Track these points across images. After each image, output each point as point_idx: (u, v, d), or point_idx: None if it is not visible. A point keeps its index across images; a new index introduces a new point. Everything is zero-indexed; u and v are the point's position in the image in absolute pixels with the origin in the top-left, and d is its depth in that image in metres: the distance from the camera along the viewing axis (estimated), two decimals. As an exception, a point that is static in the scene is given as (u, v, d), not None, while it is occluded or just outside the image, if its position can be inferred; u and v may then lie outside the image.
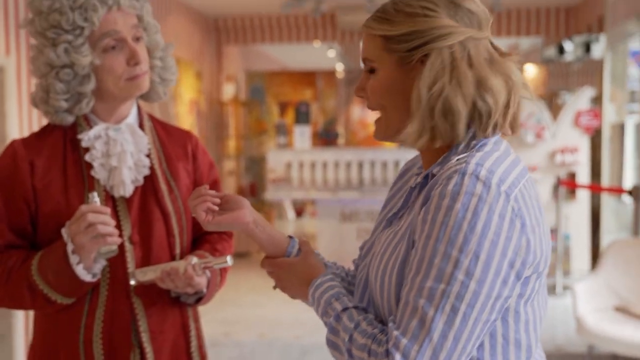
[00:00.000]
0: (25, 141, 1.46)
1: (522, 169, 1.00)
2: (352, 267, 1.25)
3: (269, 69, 9.96)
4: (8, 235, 1.42)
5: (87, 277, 1.36)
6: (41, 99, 1.43)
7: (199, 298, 1.51)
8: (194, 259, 1.42)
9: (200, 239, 1.61)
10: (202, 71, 7.71)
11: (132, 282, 1.41)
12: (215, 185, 1.63)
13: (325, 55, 9.80)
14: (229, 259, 1.39)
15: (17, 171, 1.41)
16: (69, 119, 1.44)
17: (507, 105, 1.00)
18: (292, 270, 1.14)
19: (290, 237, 1.20)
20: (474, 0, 1.02)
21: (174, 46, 1.57)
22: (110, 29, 1.38)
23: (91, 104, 1.43)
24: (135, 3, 1.43)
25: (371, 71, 1.05)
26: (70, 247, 1.33)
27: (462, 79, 0.96)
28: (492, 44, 1.03)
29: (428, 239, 0.91)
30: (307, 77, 9.24)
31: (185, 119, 7.10)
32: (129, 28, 1.41)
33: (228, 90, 8.48)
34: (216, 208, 1.13)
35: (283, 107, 9.06)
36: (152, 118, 1.58)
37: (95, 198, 1.34)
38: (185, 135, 1.61)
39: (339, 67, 9.99)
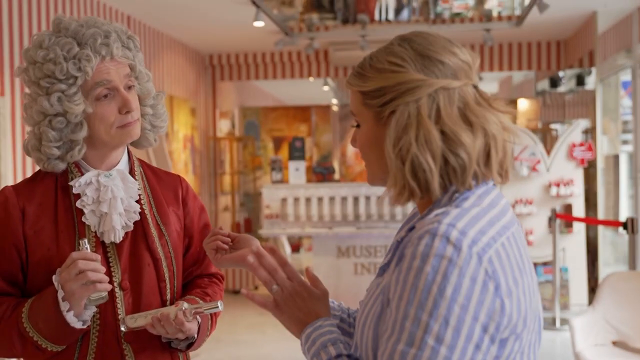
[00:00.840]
0: (16, 188, 1.46)
1: (505, 224, 0.97)
2: (353, 305, 1.26)
3: (264, 105, 10.03)
4: None
5: (77, 324, 1.35)
6: (33, 147, 1.44)
7: (190, 343, 1.50)
8: (185, 305, 1.41)
9: (191, 284, 1.60)
10: (196, 107, 7.75)
11: (123, 329, 1.41)
12: (206, 229, 1.62)
13: (319, 90, 9.88)
14: (220, 305, 1.39)
15: (8, 219, 1.41)
16: (61, 166, 1.44)
17: (488, 156, 0.98)
18: (304, 300, 1.12)
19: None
20: (449, 49, 1.01)
21: (165, 94, 1.59)
22: (103, 78, 1.40)
23: (83, 151, 1.44)
24: (128, 53, 1.45)
25: (358, 125, 1.06)
26: (60, 294, 1.32)
27: (427, 134, 0.95)
28: (476, 89, 1.02)
29: (400, 301, 0.89)
30: (302, 112, 9.30)
31: (180, 155, 7.10)
32: (121, 77, 1.42)
33: (223, 126, 8.52)
34: (226, 247, 1.23)
35: (278, 143, 9.09)
36: (143, 163, 1.59)
37: (86, 245, 1.34)
38: (176, 179, 1.61)
39: (334, 102, 10.06)
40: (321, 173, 6.83)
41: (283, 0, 6.43)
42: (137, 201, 1.48)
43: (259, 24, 5.91)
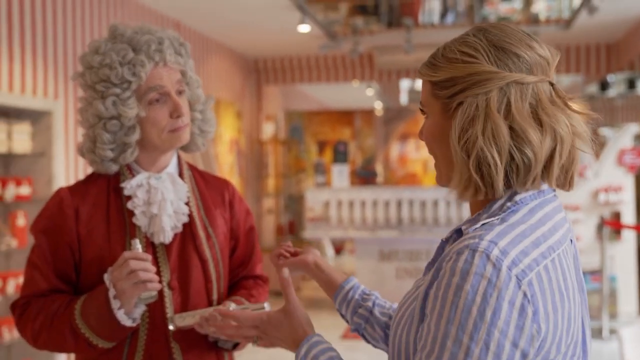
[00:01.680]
0: (71, 189, 1.52)
1: (552, 244, 0.92)
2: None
3: (308, 109, 10.08)
4: (53, 280, 1.46)
5: (127, 322, 1.38)
6: (88, 149, 1.49)
7: (236, 343, 1.52)
8: (232, 305, 1.44)
9: (237, 285, 1.63)
10: (242, 111, 7.85)
11: (171, 327, 1.44)
12: (251, 232, 1.66)
13: (363, 94, 9.89)
14: (266, 305, 1.42)
15: (63, 218, 1.47)
16: (114, 168, 1.49)
17: (551, 158, 0.93)
18: (281, 324, 1.19)
19: (349, 277, 1.32)
20: (527, 43, 0.96)
21: (213, 99, 1.62)
22: (155, 83, 1.44)
23: (135, 153, 1.48)
24: (180, 59, 1.50)
25: (426, 116, 1.03)
26: (112, 293, 1.36)
27: (495, 128, 0.91)
28: (553, 87, 0.96)
29: (440, 318, 0.87)
30: (346, 116, 9.31)
31: (226, 158, 7.21)
32: (173, 82, 1.47)
33: (267, 130, 8.60)
34: (288, 255, 1.37)
35: (321, 146, 9.13)
36: (191, 167, 1.63)
37: (137, 245, 1.37)
38: (223, 183, 1.65)
39: (378, 106, 10.05)
40: (364, 176, 6.84)
41: (328, 4, 6.47)
42: (185, 203, 1.52)
43: (304, 28, 5.96)
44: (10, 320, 3.87)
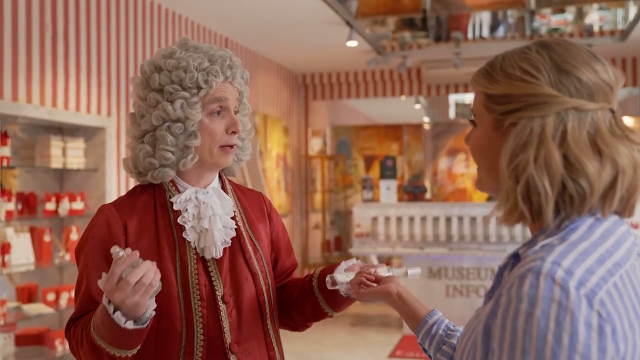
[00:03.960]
0: (115, 204, 1.51)
1: (618, 260, 0.87)
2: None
3: (355, 123, 10.06)
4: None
5: (128, 324, 1.30)
6: (146, 154, 1.47)
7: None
8: (392, 269, 1.50)
9: (288, 286, 1.65)
10: (289, 126, 7.89)
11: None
12: (288, 244, 1.68)
13: (412, 109, 9.82)
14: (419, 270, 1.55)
15: (112, 234, 1.45)
16: (170, 174, 1.48)
17: (611, 189, 0.89)
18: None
19: (433, 310, 1.31)
20: (591, 66, 0.91)
21: (254, 131, 1.66)
22: (221, 95, 1.49)
23: (195, 159, 1.49)
24: (242, 82, 1.55)
25: (475, 124, 0.99)
26: (118, 317, 1.28)
27: (548, 156, 0.87)
28: (614, 115, 0.90)
29: (513, 350, 0.81)
30: (393, 131, 9.25)
31: (273, 173, 7.24)
32: (234, 100, 1.52)
33: (314, 145, 8.62)
34: (369, 283, 1.37)
35: (369, 161, 9.08)
36: (231, 182, 1.65)
37: (117, 250, 1.26)
38: (259, 196, 1.68)
39: (426, 120, 9.96)
40: (412, 192, 6.75)
41: (376, 19, 6.45)
42: (232, 218, 1.53)
43: (352, 43, 5.96)
44: (61, 333, 3.94)
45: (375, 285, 1.39)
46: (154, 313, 1.34)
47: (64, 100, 4.11)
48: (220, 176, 1.59)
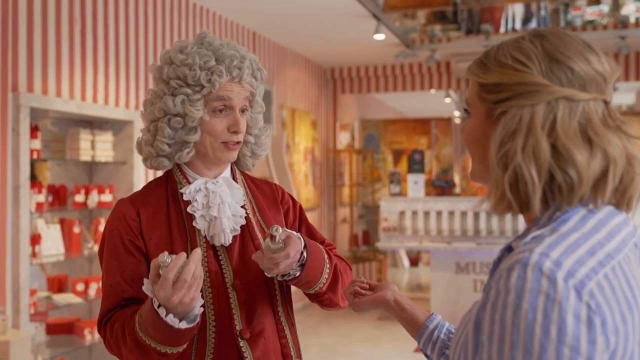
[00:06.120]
0: (130, 198, 1.57)
1: (610, 252, 0.86)
2: None
3: (384, 117, 10.03)
4: (128, 290, 1.48)
5: (181, 324, 1.34)
6: (147, 141, 1.55)
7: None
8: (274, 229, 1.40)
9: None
10: (317, 120, 7.89)
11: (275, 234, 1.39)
12: (309, 228, 1.67)
13: (441, 102, 9.74)
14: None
15: (129, 225, 1.51)
16: (166, 164, 1.54)
17: (603, 179, 0.88)
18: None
19: (432, 313, 1.27)
20: (584, 56, 0.91)
21: (272, 130, 1.65)
22: (225, 94, 1.50)
23: (191, 154, 1.53)
24: (254, 82, 1.56)
25: (469, 115, 0.99)
26: (156, 304, 1.32)
27: (536, 145, 0.86)
28: (607, 106, 0.91)
29: (502, 343, 0.81)
30: (422, 125, 9.19)
31: (300, 167, 7.25)
32: (240, 99, 1.53)
33: (342, 139, 8.61)
34: (363, 292, 1.34)
35: (397, 155, 9.04)
36: (242, 173, 1.68)
37: (168, 260, 1.30)
38: (272, 186, 1.70)
39: (456, 114, 9.87)
40: (441, 186, 6.70)
41: (405, 12, 6.40)
42: (242, 206, 1.56)
43: (379, 36, 5.93)
44: (90, 322, 4.01)
45: (370, 293, 1.35)
46: (202, 310, 1.38)
47: (93, 93, 4.17)
48: (231, 167, 1.62)
